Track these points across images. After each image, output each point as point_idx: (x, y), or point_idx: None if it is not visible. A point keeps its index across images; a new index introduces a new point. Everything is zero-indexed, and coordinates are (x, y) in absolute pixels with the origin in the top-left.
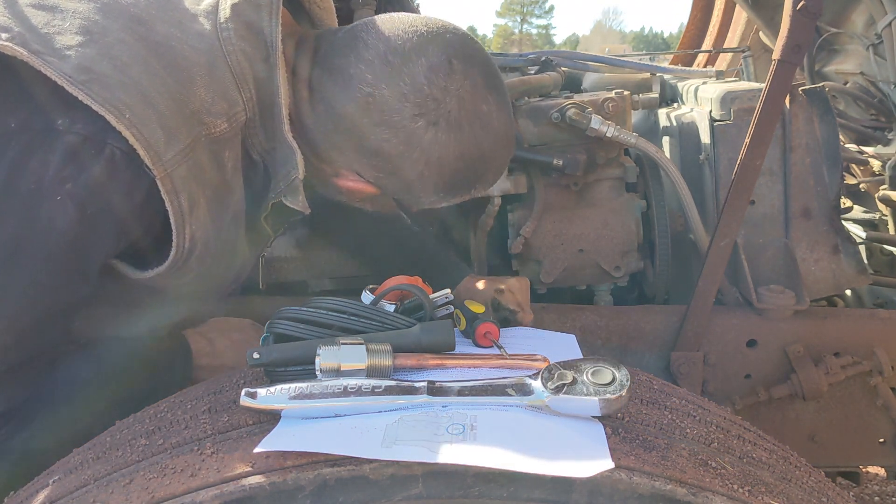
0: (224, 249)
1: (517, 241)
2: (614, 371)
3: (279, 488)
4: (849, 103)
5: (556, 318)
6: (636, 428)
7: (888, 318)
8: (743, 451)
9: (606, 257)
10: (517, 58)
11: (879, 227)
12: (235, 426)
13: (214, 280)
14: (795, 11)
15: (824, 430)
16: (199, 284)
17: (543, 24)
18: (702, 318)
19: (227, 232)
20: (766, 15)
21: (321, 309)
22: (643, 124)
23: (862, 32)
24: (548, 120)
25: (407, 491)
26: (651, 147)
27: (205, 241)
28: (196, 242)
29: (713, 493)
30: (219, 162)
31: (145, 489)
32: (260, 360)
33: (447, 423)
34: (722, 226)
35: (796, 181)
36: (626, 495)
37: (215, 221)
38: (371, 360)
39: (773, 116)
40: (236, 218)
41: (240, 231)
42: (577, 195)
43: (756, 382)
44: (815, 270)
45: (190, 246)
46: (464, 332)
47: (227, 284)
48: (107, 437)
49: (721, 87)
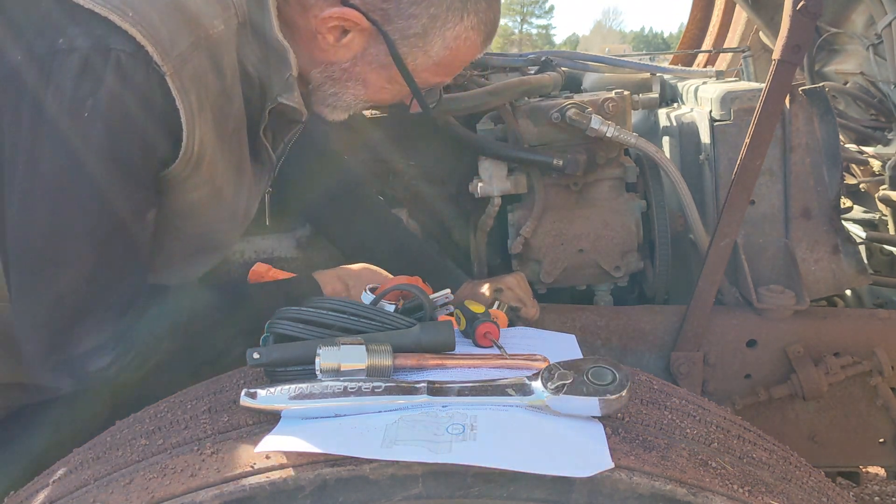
0: (230, 165)
1: (517, 241)
2: (614, 371)
3: (279, 488)
4: (849, 103)
5: (556, 318)
6: (636, 428)
7: (888, 318)
8: (743, 451)
9: (606, 257)
10: (517, 58)
11: (879, 227)
12: (235, 426)
13: (227, 207)
14: (795, 11)
15: (824, 430)
16: (215, 209)
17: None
18: (702, 318)
19: (230, 144)
20: (766, 15)
21: (321, 309)
22: (643, 124)
23: (862, 32)
24: (548, 120)
25: (407, 491)
26: (651, 147)
27: (212, 150)
28: (205, 148)
29: (713, 493)
30: (218, 68)
31: (145, 489)
32: (260, 360)
33: (447, 423)
34: (722, 226)
35: (796, 181)
36: (626, 495)
37: (219, 132)
38: (371, 360)
39: (773, 116)
40: (237, 132)
41: (243, 149)
42: (577, 195)
43: (756, 382)
44: (815, 270)
45: (199, 150)
46: (464, 332)
47: (239, 218)
48: (107, 437)
49: (721, 87)
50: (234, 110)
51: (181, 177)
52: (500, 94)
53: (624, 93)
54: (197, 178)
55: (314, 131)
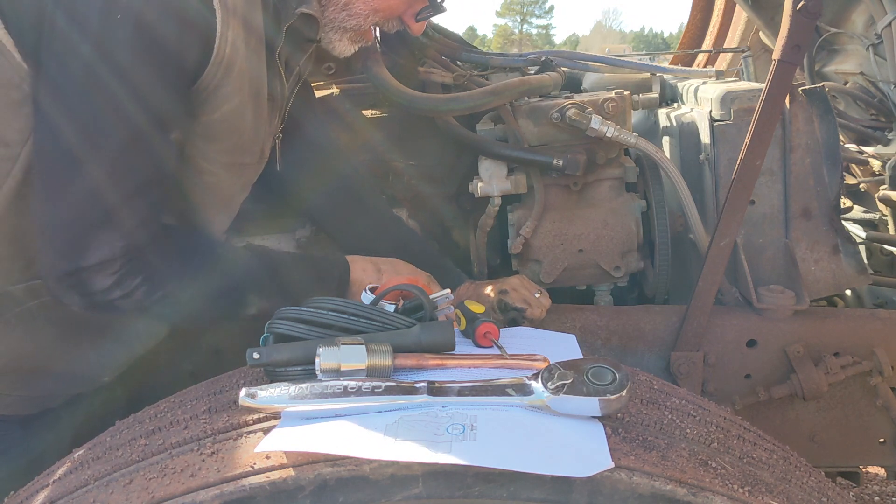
0: (252, 86)
1: (517, 241)
2: (614, 371)
3: (279, 488)
4: (849, 103)
5: (556, 318)
6: (636, 428)
7: (888, 318)
8: (743, 451)
9: (606, 257)
10: (517, 58)
11: (879, 227)
12: (235, 426)
13: (250, 131)
14: (795, 11)
15: (824, 430)
16: (240, 131)
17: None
18: (702, 318)
19: (252, 61)
20: (766, 15)
21: (321, 309)
22: (643, 124)
23: (862, 32)
24: (548, 120)
25: (407, 491)
26: (651, 147)
27: (242, 59)
28: (237, 53)
29: (713, 493)
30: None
31: (145, 489)
32: (260, 360)
33: (447, 422)
34: (722, 226)
35: (796, 181)
36: (626, 495)
37: (246, 42)
38: (371, 360)
39: (773, 116)
40: (258, 49)
41: (262, 69)
42: (577, 195)
43: (756, 382)
44: (815, 270)
45: (231, 55)
46: (464, 332)
47: (257, 152)
48: (107, 437)
49: (721, 87)
50: (257, 25)
51: (213, 84)
52: (500, 94)
53: (624, 93)
54: (228, 86)
55: (315, 131)
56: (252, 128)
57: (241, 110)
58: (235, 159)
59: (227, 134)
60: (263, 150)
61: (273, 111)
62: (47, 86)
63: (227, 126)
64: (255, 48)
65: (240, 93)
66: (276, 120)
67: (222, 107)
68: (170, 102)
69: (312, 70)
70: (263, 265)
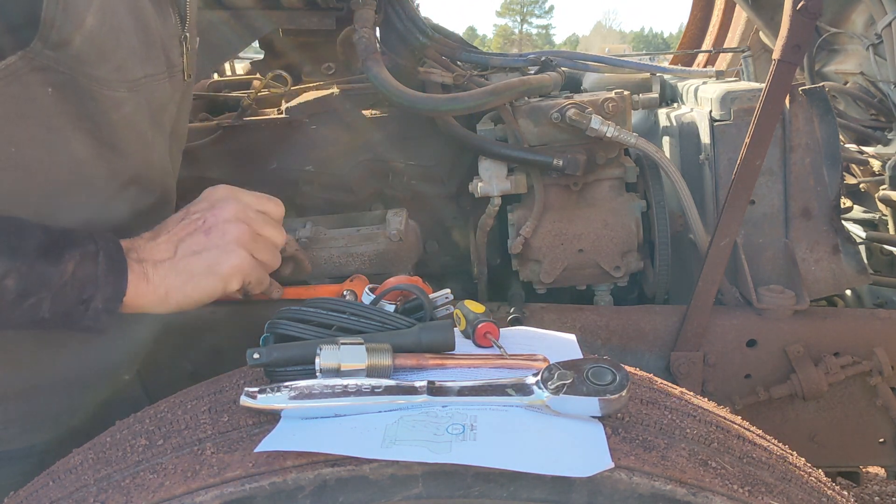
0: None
1: (517, 241)
2: (614, 371)
3: (279, 488)
4: (849, 103)
5: (556, 318)
6: (636, 428)
7: (888, 318)
8: (743, 451)
9: (606, 257)
10: (517, 58)
11: (879, 227)
12: (235, 426)
13: (133, 41)
14: (795, 11)
15: (824, 430)
16: (117, 48)
17: (543, 24)
18: (702, 318)
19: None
20: (766, 15)
21: (321, 309)
22: (643, 124)
23: (862, 32)
24: (548, 120)
25: (407, 491)
26: (651, 147)
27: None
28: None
29: (713, 493)
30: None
31: (145, 489)
32: (260, 360)
33: (447, 423)
34: (722, 226)
35: (796, 181)
36: (626, 495)
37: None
38: (371, 359)
39: (773, 116)
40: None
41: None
42: (577, 195)
43: (756, 382)
44: (815, 270)
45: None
46: (464, 332)
47: (160, 64)
48: (107, 438)
49: (721, 87)
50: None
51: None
52: (500, 94)
53: (624, 93)
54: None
55: (315, 131)
56: (136, 29)
57: (112, 10)
58: (137, 73)
59: (110, 47)
60: (170, 57)
61: (161, 6)
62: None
63: (102, 39)
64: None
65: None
66: (171, 19)
67: (85, 18)
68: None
69: (312, 70)
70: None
